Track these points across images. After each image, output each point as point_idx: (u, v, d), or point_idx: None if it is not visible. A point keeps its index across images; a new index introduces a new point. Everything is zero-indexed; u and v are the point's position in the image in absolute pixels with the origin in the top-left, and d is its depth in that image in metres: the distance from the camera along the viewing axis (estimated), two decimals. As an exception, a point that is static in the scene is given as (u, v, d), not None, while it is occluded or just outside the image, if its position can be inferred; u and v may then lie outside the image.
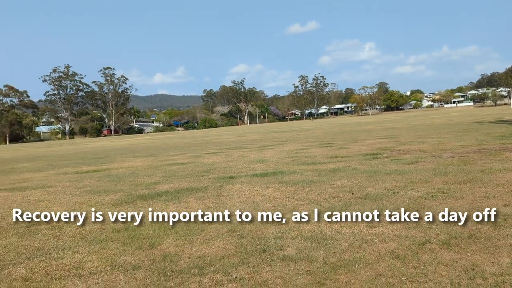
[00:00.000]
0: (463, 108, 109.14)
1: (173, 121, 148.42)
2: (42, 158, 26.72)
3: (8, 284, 4.50)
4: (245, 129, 78.89)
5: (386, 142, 19.81)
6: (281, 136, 35.32)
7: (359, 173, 10.38)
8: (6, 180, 14.43)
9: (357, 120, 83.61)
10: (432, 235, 5.25)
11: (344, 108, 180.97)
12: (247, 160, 15.56)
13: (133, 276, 4.50)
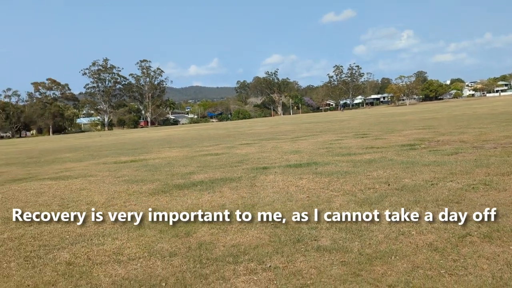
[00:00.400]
0: (507, 98, 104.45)
1: (207, 112, 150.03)
2: (83, 149, 27.69)
3: (53, 268, 4.71)
4: (278, 120, 78.72)
5: (424, 132, 19.28)
6: (315, 127, 35.03)
7: (395, 164, 10.17)
8: (50, 170, 15.05)
9: (393, 110, 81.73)
10: (472, 228, 5.08)
11: (380, 98, 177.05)
12: (280, 151, 15.55)
13: (170, 263, 4.62)
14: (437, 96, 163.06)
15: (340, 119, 49.76)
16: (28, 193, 9.89)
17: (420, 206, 6.18)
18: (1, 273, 4.65)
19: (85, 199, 8.57)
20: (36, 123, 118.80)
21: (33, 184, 11.34)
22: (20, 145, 45.99)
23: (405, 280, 3.86)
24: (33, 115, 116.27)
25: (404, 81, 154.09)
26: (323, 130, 28.71)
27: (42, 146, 38.26)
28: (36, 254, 5.24)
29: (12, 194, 9.99)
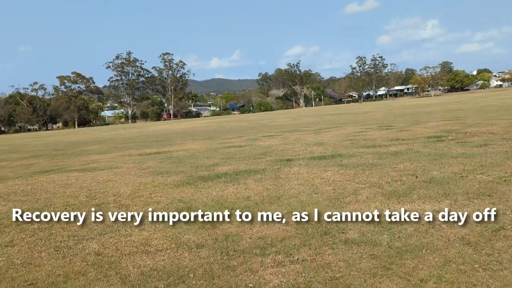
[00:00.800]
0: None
1: (229, 105, 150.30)
2: (108, 141, 28.15)
3: (82, 258, 4.79)
4: (300, 112, 78.29)
5: (451, 124, 18.83)
6: (338, 118, 34.66)
7: (422, 156, 9.95)
8: (76, 162, 15.35)
9: (418, 101, 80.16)
10: (506, 221, 4.93)
11: (404, 90, 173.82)
12: (304, 143, 15.44)
13: (197, 254, 4.63)
14: (463, 87, 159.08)
15: (363, 111, 49.12)
16: (56, 185, 10.10)
17: (450, 199, 6.03)
18: (33, 263, 4.75)
19: (112, 191, 8.69)
20: (62, 116, 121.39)
21: (61, 176, 11.58)
22: (47, 138, 47.12)
23: (437, 275, 3.76)
24: (59, 108, 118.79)
25: (429, 71, 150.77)
26: (346, 122, 28.38)
27: (68, 139, 39.10)
28: (66, 244, 5.33)
29: (40, 185, 10.22)
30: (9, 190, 9.86)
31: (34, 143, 36.02)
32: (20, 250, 5.24)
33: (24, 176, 12.12)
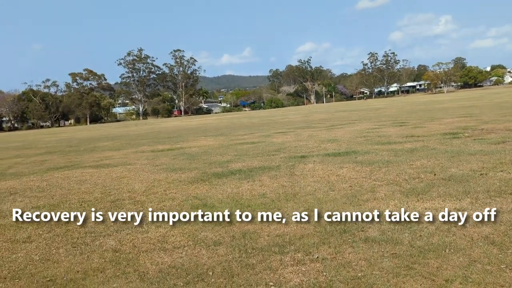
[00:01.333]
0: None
1: (240, 101, 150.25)
2: (121, 138, 28.29)
3: (100, 255, 4.77)
4: (312, 108, 77.92)
5: (467, 120, 18.55)
6: (350, 115, 34.41)
7: (439, 153, 9.79)
8: (90, 158, 15.44)
9: (431, 98, 79.29)
10: (531, 221, 4.80)
11: (416, 86, 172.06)
12: (317, 140, 15.33)
13: (215, 252, 4.58)
14: (476, 83, 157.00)
15: (375, 107, 48.70)
16: (71, 181, 10.14)
17: (471, 197, 5.90)
18: (51, 259, 4.75)
19: (126, 187, 8.69)
20: (74, 113, 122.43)
21: (75, 172, 11.64)
22: (60, 134, 47.55)
23: (462, 275, 3.67)
24: (71, 105, 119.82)
25: (441, 68, 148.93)
26: (359, 118, 28.16)
27: (80, 135, 39.41)
28: (83, 240, 5.33)
29: (55, 181, 10.28)
30: (25, 186, 9.93)
31: (47, 139, 36.37)
32: (38, 246, 5.25)
33: (39, 173, 12.21)
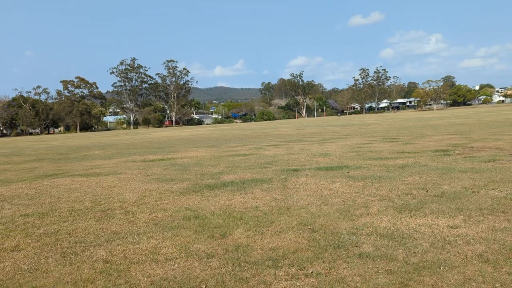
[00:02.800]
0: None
1: (232, 113, 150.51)
2: (111, 146, 28.06)
3: (90, 265, 4.68)
4: (303, 122, 78.23)
5: (457, 138, 18.74)
6: (342, 130, 34.59)
7: (431, 170, 9.86)
8: (80, 166, 15.26)
9: (421, 115, 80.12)
10: (523, 239, 4.81)
11: (407, 103, 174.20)
12: (309, 153, 15.35)
13: (208, 265, 4.52)
14: (465, 101, 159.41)
15: (366, 123, 49.06)
16: (60, 189, 10.01)
17: (464, 215, 5.92)
18: (40, 269, 4.64)
19: (117, 197, 8.59)
20: (64, 120, 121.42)
21: (65, 180, 11.49)
22: (49, 142, 47.05)
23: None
24: (62, 113, 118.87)
25: (431, 85, 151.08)
26: (350, 133, 28.31)
27: (70, 143, 39.03)
28: (73, 250, 5.23)
29: (45, 189, 10.13)
30: (13, 193, 9.77)
31: (36, 146, 35.95)
32: (26, 255, 5.14)
33: (28, 180, 12.04)
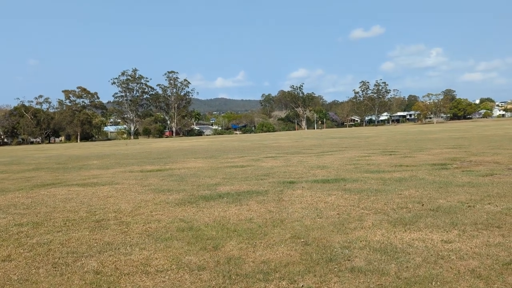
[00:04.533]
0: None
1: (232, 124, 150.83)
2: (110, 156, 28.07)
3: (80, 276, 4.65)
4: (302, 134, 78.34)
5: (455, 152, 18.74)
6: (340, 142, 34.62)
7: (428, 184, 9.84)
8: (78, 176, 15.25)
9: (420, 128, 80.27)
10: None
11: (407, 116, 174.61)
12: (306, 166, 15.34)
13: (199, 277, 4.49)
14: (465, 115, 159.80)
15: (366, 135, 49.11)
16: (56, 199, 9.98)
17: (458, 229, 5.90)
18: (30, 279, 4.61)
19: (112, 207, 8.57)
20: (65, 130, 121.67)
21: (61, 190, 11.47)
22: (49, 151, 47.06)
23: (448, 309, 3.62)
24: (63, 122, 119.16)
25: (431, 99, 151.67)
26: (349, 146, 28.32)
27: (70, 153, 39.04)
28: (64, 261, 5.20)
29: (41, 199, 10.11)
30: (9, 202, 9.75)
31: (36, 155, 35.96)
32: (17, 265, 5.11)
33: (25, 189, 12.02)
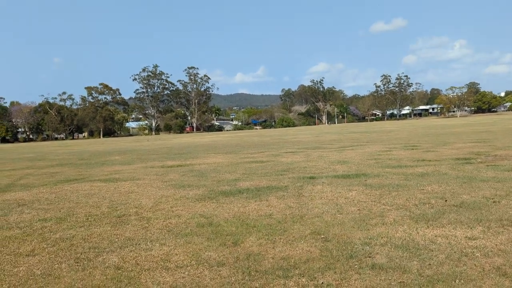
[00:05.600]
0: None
1: (251, 119, 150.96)
2: (132, 152, 28.45)
3: (102, 271, 4.71)
4: (323, 129, 77.81)
5: (480, 146, 18.29)
6: (362, 137, 34.23)
7: (451, 179, 9.62)
8: (100, 172, 15.50)
9: (443, 122, 78.70)
10: (545, 253, 4.63)
11: (429, 110, 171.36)
12: (327, 161, 15.21)
13: (218, 273, 4.49)
14: (490, 108, 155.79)
15: (387, 130, 48.45)
16: (79, 194, 10.16)
17: (483, 226, 5.74)
18: (53, 274, 4.70)
19: (134, 203, 8.67)
20: (88, 126, 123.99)
21: (84, 185, 11.68)
22: (73, 147, 48.04)
23: (472, 308, 3.52)
24: (86, 118, 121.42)
25: (455, 92, 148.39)
26: (370, 140, 27.98)
27: (93, 148, 39.75)
28: (86, 256, 5.28)
29: (64, 194, 10.31)
30: (34, 198, 9.97)
31: (60, 151, 36.74)
32: (41, 260, 5.21)
33: (49, 185, 12.28)
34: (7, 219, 7.67)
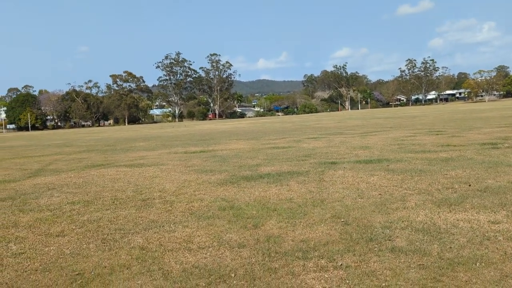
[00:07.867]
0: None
1: (273, 106, 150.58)
2: (156, 138, 28.92)
3: (127, 251, 4.88)
4: (346, 114, 77.02)
5: (508, 131, 17.83)
6: (385, 122, 33.78)
7: (476, 164, 9.46)
8: (125, 157, 15.85)
9: (471, 107, 76.71)
10: None
11: (456, 94, 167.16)
12: (349, 146, 15.13)
13: (239, 254, 4.60)
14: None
15: (412, 115, 47.61)
16: (105, 179, 10.45)
17: (507, 210, 5.66)
18: (81, 253, 4.90)
19: (157, 187, 8.87)
20: (113, 113, 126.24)
21: (110, 170, 11.98)
22: (99, 134, 49.09)
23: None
24: (111, 106, 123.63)
25: (483, 76, 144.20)
26: (394, 126, 27.60)
27: (118, 135, 40.53)
28: (113, 237, 5.47)
29: (91, 179, 10.62)
30: (63, 182, 10.31)
31: (87, 138, 37.63)
32: (70, 240, 5.43)
33: (77, 170, 12.65)
34: (38, 202, 7.98)
